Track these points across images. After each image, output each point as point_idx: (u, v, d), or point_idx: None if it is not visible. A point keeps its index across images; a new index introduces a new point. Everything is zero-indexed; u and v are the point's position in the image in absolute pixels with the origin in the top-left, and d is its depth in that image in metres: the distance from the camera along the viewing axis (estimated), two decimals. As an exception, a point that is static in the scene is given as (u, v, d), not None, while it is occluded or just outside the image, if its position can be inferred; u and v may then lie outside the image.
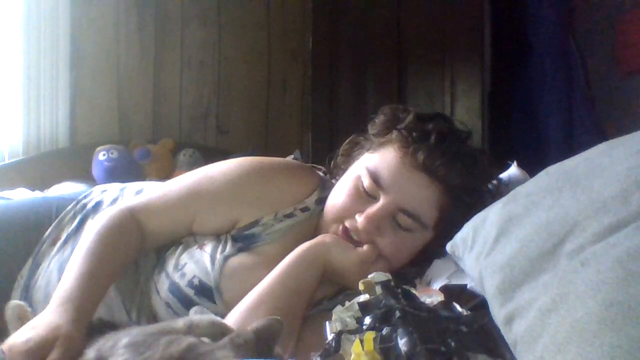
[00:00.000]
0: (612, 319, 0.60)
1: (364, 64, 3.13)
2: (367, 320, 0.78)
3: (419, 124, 1.11)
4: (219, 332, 0.77)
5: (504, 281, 0.77)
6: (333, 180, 1.20)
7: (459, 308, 0.80)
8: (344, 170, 1.17)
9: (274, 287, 1.02)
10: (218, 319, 0.79)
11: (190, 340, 0.72)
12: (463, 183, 1.08)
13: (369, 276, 0.87)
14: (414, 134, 1.09)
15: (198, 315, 0.78)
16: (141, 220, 1.11)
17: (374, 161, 1.11)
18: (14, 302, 0.90)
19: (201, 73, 3.04)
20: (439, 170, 1.06)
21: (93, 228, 1.07)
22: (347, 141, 1.21)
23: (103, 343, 0.79)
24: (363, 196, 1.09)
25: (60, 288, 0.97)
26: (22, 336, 0.86)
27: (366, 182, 1.08)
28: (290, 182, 1.17)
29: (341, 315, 0.80)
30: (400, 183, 1.07)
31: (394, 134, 1.11)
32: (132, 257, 1.11)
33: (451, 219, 1.05)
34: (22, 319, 0.88)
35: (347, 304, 0.82)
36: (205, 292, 1.08)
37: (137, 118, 2.88)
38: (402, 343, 0.71)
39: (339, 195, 1.11)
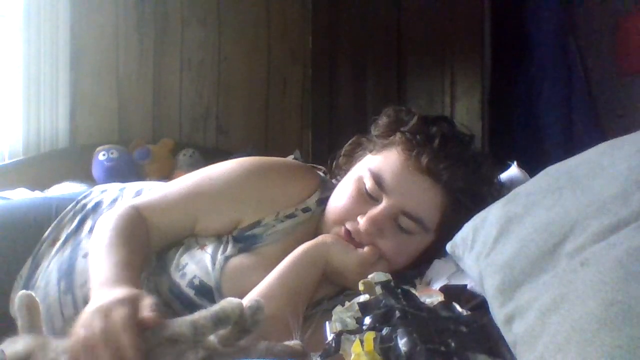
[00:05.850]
0: (612, 319, 0.60)
1: (364, 63, 3.13)
2: (367, 320, 0.78)
3: (422, 127, 1.10)
4: (224, 321, 0.76)
5: (504, 281, 0.77)
6: (334, 181, 1.20)
7: (459, 308, 0.80)
8: (346, 171, 1.17)
9: (274, 287, 1.02)
10: (217, 309, 0.77)
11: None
12: (466, 187, 1.07)
13: (369, 276, 0.87)
14: (418, 136, 1.08)
15: (197, 314, 0.77)
16: (146, 217, 1.11)
17: (377, 163, 1.10)
18: (23, 292, 0.88)
19: (201, 73, 3.04)
20: (442, 174, 1.06)
21: (105, 226, 1.05)
22: (349, 142, 1.21)
23: None
24: (365, 198, 1.08)
25: (97, 279, 0.93)
26: (95, 305, 0.81)
27: (369, 184, 1.08)
28: (291, 182, 1.17)
29: (341, 315, 0.80)
30: (403, 186, 1.07)
31: (398, 136, 1.10)
32: (149, 250, 1.10)
33: (453, 222, 1.04)
34: (31, 309, 0.87)
35: (347, 304, 0.82)
36: (205, 293, 1.07)
37: (137, 118, 2.88)
38: (402, 343, 0.71)
39: (341, 198, 1.11)
